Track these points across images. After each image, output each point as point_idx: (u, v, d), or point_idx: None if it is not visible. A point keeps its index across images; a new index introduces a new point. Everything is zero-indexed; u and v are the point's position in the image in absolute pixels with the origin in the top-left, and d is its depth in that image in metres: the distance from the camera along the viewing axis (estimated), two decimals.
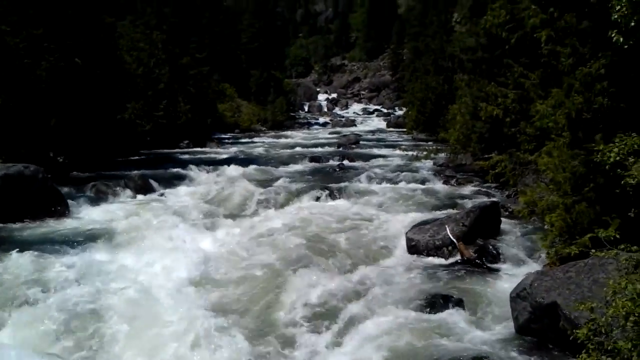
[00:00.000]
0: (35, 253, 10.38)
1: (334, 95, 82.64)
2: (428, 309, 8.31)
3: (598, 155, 6.45)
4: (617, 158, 5.90)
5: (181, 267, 10.20)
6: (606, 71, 8.22)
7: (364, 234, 12.55)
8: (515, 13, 14.37)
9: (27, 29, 18.65)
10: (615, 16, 6.41)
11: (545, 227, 9.64)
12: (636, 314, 4.70)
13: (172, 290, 9.23)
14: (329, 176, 20.17)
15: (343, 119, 55.59)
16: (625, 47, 6.55)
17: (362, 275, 9.99)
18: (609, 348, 4.80)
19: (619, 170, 6.01)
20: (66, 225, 13.34)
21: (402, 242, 11.61)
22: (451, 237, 11.10)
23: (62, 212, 14.22)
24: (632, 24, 6.26)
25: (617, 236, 5.51)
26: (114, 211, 14.57)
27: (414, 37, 50.18)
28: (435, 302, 8.44)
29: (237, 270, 10.35)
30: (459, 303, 8.39)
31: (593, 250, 5.80)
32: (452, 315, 8.08)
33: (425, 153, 22.36)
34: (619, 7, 6.26)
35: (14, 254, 10.21)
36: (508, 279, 9.41)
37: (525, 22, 11.88)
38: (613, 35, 6.62)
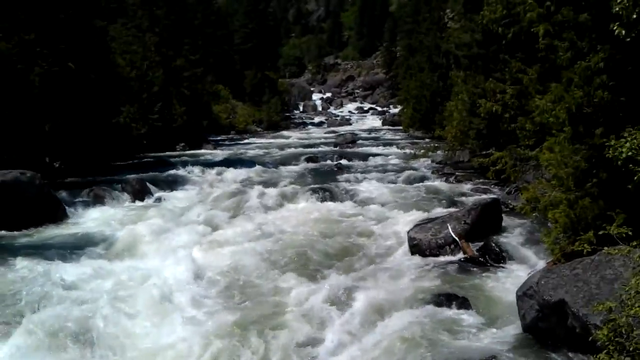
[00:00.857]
0: (33, 260, 10.30)
1: (329, 94, 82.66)
2: (433, 309, 8.20)
3: (609, 150, 6.37)
4: (630, 153, 5.83)
5: (180, 272, 10.07)
6: (605, 65, 8.14)
7: (364, 234, 12.51)
8: (511, 8, 14.31)
9: (19, 34, 18.52)
10: (617, 9, 6.36)
11: (549, 223, 9.55)
12: None
13: (170, 295, 9.13)
14: (326, 176, 20.10)
15: (338, 118, 55.59)
16: (628, 40, 6.48)
17: (365, 276, 9.90)
18: (630, 349, 4.70)
19: (630, 165, 5.94)
20: (64, 231, 13.26)
21: (404, 241, 11.53)
22: (453, 235, 11.03)
23: (60, 217, 14.16)
24: (634, 16, 6.20)
25: (630, 233, 5.43)
26: (112, 216, 14.49)
27: (407, 34, 50.17)
28: (440, 302, 8.35)
29: (236, 273, 10.25)
30: (464, 302, 8.31)
31: (606, 248, 5.71)
32: (457, 315, 8.00)
33: (422, 151, 22.31)
34: None
35: (12, 261, 10.16)
36: (512, 277, 9.35)
37: (521, 16, 11.79)
38: (615, 28, 6.55)
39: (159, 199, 16.84)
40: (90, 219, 14.34)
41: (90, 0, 22.30)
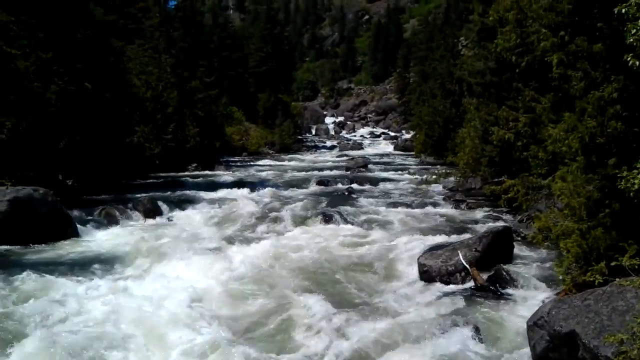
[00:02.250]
0: (44, 276, 10.40)
1: (341, 118, 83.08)
2: (443, 337, 8.13)
3: (622, 182, 6.34)
4: None
5: (190, 292, 10.05)
6: (619, 95, 8.14)
7: (374, 259, 12.44)
8: (524, 37, 14.36)
9: (36, 52, 18.82)
10: (631, 40, 6.37)
11: (562, 253, 9.48)
12: None
13: (179, 315, 9.09)
14: (338, 200, 20.07)
15: (350, 142, 55.72)
16: None
17: (374, 303, 9.83)
18: None
19: None
20: (75, 248, 13.31)
21: (414, 268, 11.46)
22: (464, 262, 10.96)
23: (71, 235, 14.25)
24: None
25: None
26: (123, 235, 14.54)
27: (421, 60, 50.54)
28: (450, 330, 8.26)
29: (245, 296, 10.22)
30: (475, 331, 8.21)
31: (618, 279, 5.66)
32: (467, 344, 7.89)
33: (434, 177, 22.28)
34: (634, 30, 6.22)
35: (22, 276, 10.21)
36: (523, 306, 9.25)
37: (535, 45, 11.83)
38: (629, 59, 6.56)
39: (170, 219, 16.93)
40: (100, 237, 14.41)
41: (108, 21, 22.68)
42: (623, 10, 6.48)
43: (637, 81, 7.79)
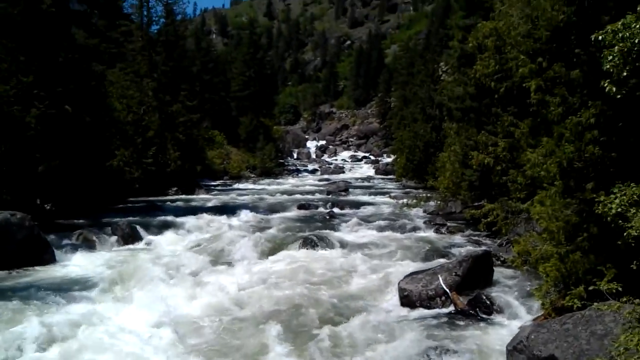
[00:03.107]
0: (20, 302, 10.24)
1: (323, 142, 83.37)
2: None
3: (599, 206, 6.39)
4: (619, 209, 5.86)
5: (167, 320, 9.91)
6: (596, 120, 8.26)
7: (354, 284, 12.39)
8: (503, 63, 14.58)
9: (17, 75, 18.69)
10: (607, 66, 6.47)
11: (541, 277, 9.51)
12: None
13: (155, 343, 8.95)
14: (318, 224, 20.02)
15: (332, 166, 55.91)
16: (618, 96, 6.58)
17: (354, 329, 9.67)
18: None
19: (620, 221, 5.95)
20: (52, 274, 13.10)
21: (395, 292, 11.42)
22: (444, 287, 10.94)
23: (48, 260, 14.05)
24: (624, 74, 6.32)
25: (620, 289, 5.41)
26: (101, 260, 14.32)
27: (402, 85, 51.05)
28: (431, 356, 8.22)
29: (221, 323, 10.05)
30: (455, 356, 8.18)
31: (596, 304, 5.68)
32: None
33: (415, 201, 22.32)
34: (610, 57, 6.32)
35: None
36: (503, 330, 9.24)
37: (513, 72, 12.01)
38: (605, 85, 6.66)
39: (148, 243, 16.74)
40: (77, 263, 14.18)
41: (90, 44, 22.60)
42: (600, 38, 6.59)
43: (614, 107, 7.91)
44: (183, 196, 29.51)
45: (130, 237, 16.85)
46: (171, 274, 12.91)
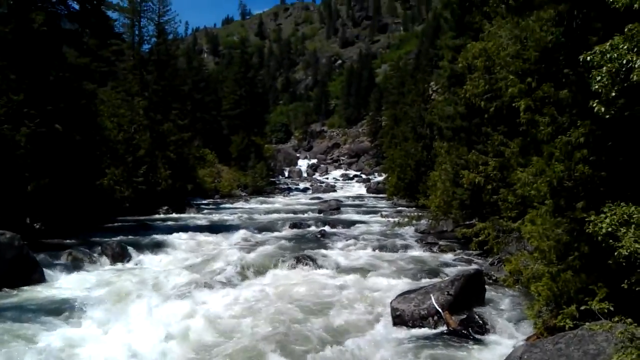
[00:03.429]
0: (8, 323, 10.15)
1: (314, 160, 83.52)
2: None
3: (590, 225, 6.40)
4: (609, 229, 5.86)
5: (155, 340, 9.80)
6: (586, 140, 8.31)
7: (346, 303, 12.28)
8: (493, 83, 14.67)
9: (7, 94, 18.62)
10: (596, 87, 6.51)
11: (533, 296, 9.49)
12: None
13: None
14: (310, 243, 19.96)
15: (323, 185, 55.91)
16: (607, 116, 6.63)
17: (346, 350, 9.60)
18: None
19: (610, 241, 5.95)
20: (41, 294, 12.95)
21: (387, 312, 11.35)
22: (437, 306, 10.89)
23: (38, 280, 13.91)
24: (613, 94, 6.36)
25: (611, 308, 5.40)
26: (90, 280, 14.20)
27: (392, 104, 51.30)
28: None
29: (211, 345, 9.95)
30: None
31: (588, 324, 5.66)
32: None
33: (406, 220, 22.31)
34: (599, 77, 6.37)
35: None
36: (496, 350, 9.20)
37: (503, 92, 12.08)
38: (594, 105, 6.71)
39: (138, 263, 16.63)
40: (67, 282, 14.04)
41: (81, 63, 22.56)
42: (588, 58, 6.64)
43: (603, 126, 7.96)
44: (174, 215, 29.39)
45: (119, 257, 16.73)
46: (160, 294, 12.78)
